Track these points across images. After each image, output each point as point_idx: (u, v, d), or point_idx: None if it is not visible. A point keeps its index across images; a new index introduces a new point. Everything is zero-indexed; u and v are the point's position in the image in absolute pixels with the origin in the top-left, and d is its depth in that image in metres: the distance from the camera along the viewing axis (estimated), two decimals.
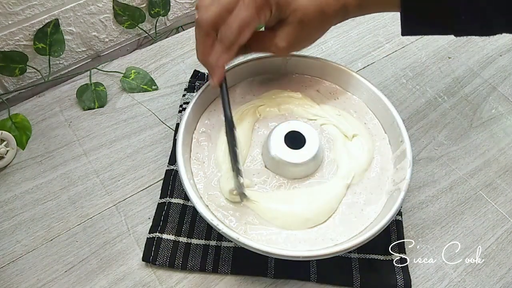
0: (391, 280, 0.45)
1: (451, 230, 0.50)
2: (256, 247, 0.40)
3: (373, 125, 0.52)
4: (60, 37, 0.59)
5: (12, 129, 0.55)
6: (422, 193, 0.52)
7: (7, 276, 0.45)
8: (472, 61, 0.65)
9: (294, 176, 0.47)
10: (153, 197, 0.51)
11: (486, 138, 0.57)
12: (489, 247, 0.49)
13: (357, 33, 0.68)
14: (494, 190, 0.53)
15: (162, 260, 0.45)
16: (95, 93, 0.59)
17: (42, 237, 0.48)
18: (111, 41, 0.66)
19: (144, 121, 0.57)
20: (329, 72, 0.54)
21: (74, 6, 0.58)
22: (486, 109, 0.60)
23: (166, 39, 0.67)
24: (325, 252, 0.41)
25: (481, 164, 0.55)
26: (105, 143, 0.55)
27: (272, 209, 0.44)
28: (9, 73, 0.57)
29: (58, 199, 0.51)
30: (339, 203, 0.45)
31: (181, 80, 0.62)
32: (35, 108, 0.58)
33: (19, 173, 0.53)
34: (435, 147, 0.56)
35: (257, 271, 0.46)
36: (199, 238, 0.47)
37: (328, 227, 0.44)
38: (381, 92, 0.51)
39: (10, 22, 0.54)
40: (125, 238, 0.48)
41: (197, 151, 0.49)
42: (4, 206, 0.50)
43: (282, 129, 0.47)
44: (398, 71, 0.64)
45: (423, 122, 0.59)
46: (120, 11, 0.63)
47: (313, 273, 0.46)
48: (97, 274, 0.46)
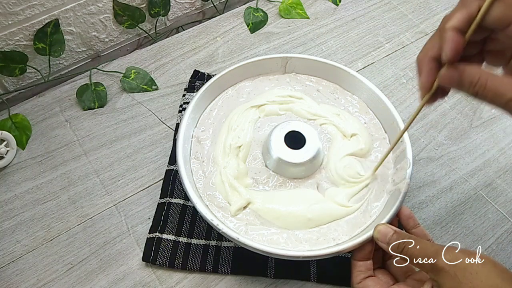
0: None
1: (451, 230, 0.50)
2: (256, 247, 0.40)
3: (373, 125, 0.52)
4: (60, 37, 0.59)
5: (12, 129, 0.55)
6: (422, 193, 0.52)
7: (7, 276, 0.45)
8: None
9: (294, 175, 0.47)
10: (153, 197, 0.51)
11: (486, 138, 0.57)
12: (489, 247, 0.49)
13: (357, 33, 0.68)
14: (494, 190, 0.53)
15: (162, 260, 0.45)
16: (95, 93, 0.59)
17: (42, 237, 0.48)
18: (111, 41, 0.66)
19: (144, 121, 0.57)
20: (329, 72, 0.54)
21: (74, 6, 0.58)
22: (486, 109, 0.60)
23: (166, 39, 0.67)
24: (324, 252, 0.41)
25: (481, 164, 0.55)
26: (105, 143, 0.55)
27: (274, 209, 0.44)
28: (9, 73, 0.57)
29: (58, 199, 0.51)
30: (340, 204, 0.45)
31: (181, 80, 0.62)
32: (35, 108, 0.58)
33: (19, 173, 0.53)
34: (435, 147, 0.56)
35: (257, 271, 0.46)
36: (199, 238, 0.47)
37: (330, 227, 0.44)
38: (381, 92, 0.51)
39: (10, 22, 0.54)
40: (125, 238, 0.48)
41: (196, 150, 0.49)
42: (4, 206, 0.50)
43: (282, 129, 0.47)
44: (398, 71, 0.64)
45: (423, 122, 0.59)
46: (120, 11, 0.63)
47: (313, 273, 0.46)
48: (97, 274, 0.46)
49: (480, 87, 0.31)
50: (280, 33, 0.68)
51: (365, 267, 0.40)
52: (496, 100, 0.31)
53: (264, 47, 0.66)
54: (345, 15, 0.70)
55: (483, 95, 0.31)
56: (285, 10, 0.70)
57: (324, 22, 0.69)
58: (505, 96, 0.30)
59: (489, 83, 0.31)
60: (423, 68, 0.34)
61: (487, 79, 0.31)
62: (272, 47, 0.66)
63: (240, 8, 0.71)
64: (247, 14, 0.69)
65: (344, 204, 0.45)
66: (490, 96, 0.31)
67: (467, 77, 0.31)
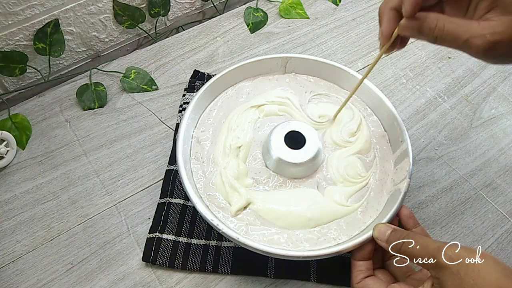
0: None
1: (451, 230, 0.50)
2: (255, 246, 0.40)
3: (373, 125, 0.52)
4: (60, 37, 0.59)
5: (12, 129, 0.55)
6: (422, 193, 0.52)
7: (7, 276, 0.45)
8: (472, 61, 0.65)
9: (294, 175, 0.47)
10: (153, 197, 0.51)
11: (486, 138, 0.57)
12: (489, 247, 0.49)
13: (357, 33, 0.68)
14: (494, 190, 0.53)
15: (162, 260, 0.45)
16: (95, 93, 0.59)
17: (42, 237, 0.48)
18: (111, 41, 0.66)
19: (144, 121, 0.57)
20: (329, 72, 0.54)
21: (74, 6, 0.58)
22: (486, 109, 0.60)
23: (166, 39, 0.67)
24: (324, 252, 0.41)
25: (481, 164, 0.55)
26: (105, 143, 0.55)
27: (274, 209, 0.44)
28: (9, 73, 0.57)
29: (58, 199, 0.51)
30: (340, 203, 0.45)
31: (181, 80, 0.62)
32: (35, 108, 0.58)
33: (19, 173, 0.53)
34: (435, 147, 0.56)
35: (257, 271, 0.46)
36: (199, 238, 0.47)
37: (330, 226, 0.44)
38: (381, 92, 0.51)
39: (10, 22, 0.54)
40: (125, 238, 0.48)
41: (196, 151, 0.49)
42: (4, 206, 0.50)
43: (282, 129, 0.47)
44: (398, 71, 0.64)
45: (423, 122, 0.59)
46: (120, 11, 0.63)
47: (313, 273, 0.45)
48: (97, 274, 0.46)
49: (439, 31, 0.33)
50: (280, 33, 0.68)
51: (365, 267, 0.40)
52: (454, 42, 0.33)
53: (264, 47, 0.66)
54: (345, 15, 0.70)
55: (442, 39, 0.33)
56: (285, 10, 0.70)
57: (324, 22, 0.69)
58: (462, 37, 0.32)
59: (446, 27, 0.33)
60: (384, 18, 0.37)
61: (444, 23, 0.33)
62: (272, 47, 0.66)
63: (240, 8, 0.71)
64: (247, 14, 0.69)
65: (344, 204, 0.45)
66: (449, 39, 0.33)
67: (426, 24, 0.33)
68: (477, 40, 0.32)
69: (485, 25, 0.32)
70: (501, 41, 0.31)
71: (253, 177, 0.47)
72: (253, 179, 0.47)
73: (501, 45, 0.31)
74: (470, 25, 0.32)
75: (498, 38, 0.31)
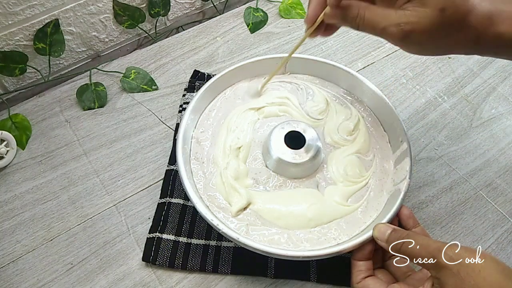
0: None
1: (451, 230, 0.50)
2: (255, 246, 0.40)
3: (373, 125, 0.52)
4: (60, 37, 0.59)
5: (12, 129, 0.55)
6: (422, 193, 0.52)
7: (7, 276, 0.45)
8: (472, 61, 0.65)
9: (294, 175, 0.47)
10: (153, 197, 0.51)
11: (486, 138, 0.57)
12: (489, 247, 0.49)
13: (357, 33, 0.68)
14: (494, 190, 0.53)
15: (162, 260, 0.45)
16: (95, 93, 0.59)
17: (42, 237, 0.48)
18: (111, 41, 0.66)
19: (144, 121, 0.57)
20: (328, 72, 0.54)
21: (74, 6, 0.58)
22: (486, 109, 0.60)
23: (166, 39, 0.67)
24: (324, 252, 0.41)
25: (481, 164, 0.55)
26: (105, 143, 0.55)
27: (274, 209, 0.44)
28: (9, 73, 0.57)
29: (58, 199, 0.51)
30: (340, 203, 0.45)
31: (181, 80, 0.62)
32: (35, 108, 0.58)
33: (19, 173, 0.53)
34: (435, 147, 0.56)
35: (257, 271, 0.46)
36: (199, 238, 0.47)
37: (330, 226, 0.44)
38: (381, 92, 0.51)
39: (10, 22, 0.54)
40: (125, 238, 0.48)
41: (196, 151, 0.49)
42: (4, 206, 0.50)
43: (282, 129, 0.47)
44: (398, 71, 0.64)
45: (423, 122, 0.59)
46: (120, 11, 0.63)
47: (313, 273, 0.45)
48: (97, 274, 0.46)
49: (360, 19, 0.35)
50: (280, 33, 0.68)
51: (365, 267, 0.40)
52: (374, 30, 0.34)
53: (264, 47, 0.66)
54: None
55: (364, 27, 0.35)
56: (285, 10, 0.70)
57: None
58: (379, 25, 0.34)
59: (367, 15, 0.34)
60: (311, 2, 0.38)
61: (365, 11, 0.34)
62: (272, 47, 0.66)
63: (240, 8, 0.70)
64: (247, 14, 0.69)
65: (344, 204, 0.45)
66: (369, 27, 0.34)
67: (349, 12, 0.35)
68: (393, 29, 0.33)
69: (401, 15, 0.33)
70: (414, 31, 0.33)
71: (253, 177, 0.47)
72: (253, 179, 0.47)
73: (415, 35, 0.33)
74: (388, 14, 0.34)
75: (411, 28, 0.33)
